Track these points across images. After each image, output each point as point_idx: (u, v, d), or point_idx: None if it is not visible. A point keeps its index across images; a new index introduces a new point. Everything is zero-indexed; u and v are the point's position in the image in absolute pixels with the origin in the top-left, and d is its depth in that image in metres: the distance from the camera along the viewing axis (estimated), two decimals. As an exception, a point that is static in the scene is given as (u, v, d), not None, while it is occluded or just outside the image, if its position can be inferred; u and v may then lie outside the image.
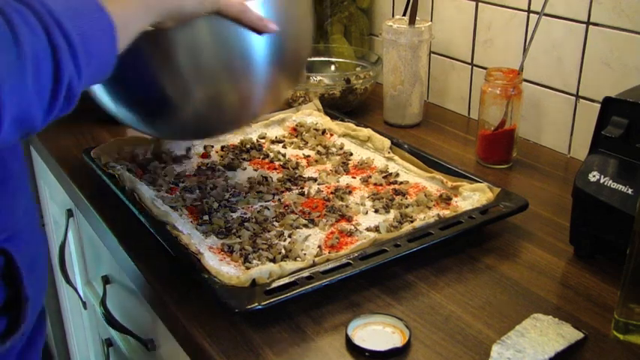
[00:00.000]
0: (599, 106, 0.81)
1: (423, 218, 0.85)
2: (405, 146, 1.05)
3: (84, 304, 1.31)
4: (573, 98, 1.10)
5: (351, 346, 0.67)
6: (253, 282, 0.71)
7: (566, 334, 0.68)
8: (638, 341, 0.68)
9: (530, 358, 0.64)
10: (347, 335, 0.67)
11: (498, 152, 1.09)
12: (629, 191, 0.75)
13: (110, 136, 1.20)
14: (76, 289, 1.29)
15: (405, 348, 0.67)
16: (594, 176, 0.79)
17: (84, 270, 1.29)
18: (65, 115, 0.58)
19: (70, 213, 1.21)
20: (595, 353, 0.67)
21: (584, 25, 1.05)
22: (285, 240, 0.82)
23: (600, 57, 1.04)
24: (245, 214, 0.88)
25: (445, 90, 1.36)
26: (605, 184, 0.78)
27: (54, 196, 1.34)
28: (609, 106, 0.80)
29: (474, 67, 1.27)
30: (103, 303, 1.07)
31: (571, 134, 1.12)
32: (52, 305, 1.61)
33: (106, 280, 1.09)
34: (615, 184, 0.77)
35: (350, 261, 0.75)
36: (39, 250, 0.72)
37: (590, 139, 0.82)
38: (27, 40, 0.51)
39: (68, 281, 1.27)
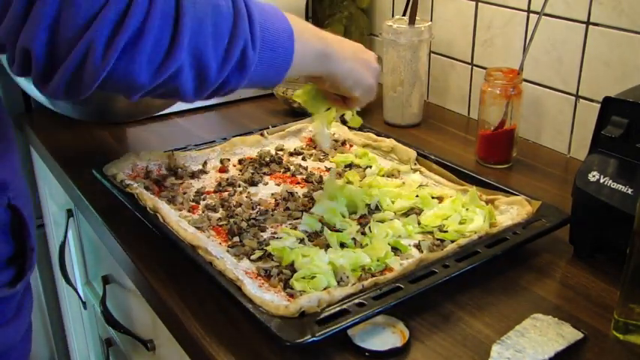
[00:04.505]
0: (599, 106, 0.81)
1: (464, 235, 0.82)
2: (432, 157, 1.02)
3: (84, 304, 1.31)
4: (573, 98, 1.10)
5: (351, 346, 0.67)
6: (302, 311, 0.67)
7: (566, 334, 0.68)
8: (638, 341, 0.68)
9: (530, 358, 0.64)
10: (347, 335, 0.67)
11: (498, 152, 1.09)
12: (629, 191, 0.75)
13: (110, 136, 1.20)
14: (76, 289, 1.29)
15: (405, 348, 0.67)
16: (594, 176, 0.79)
17: (84, 270, 1.29)
18: (235, 88, 0.65)
19: (70, 213, 1.21)
20: (595, 353, 0.67)
21: (584, 25, 1.05)
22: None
23: (600, 57, 1.04)
24: (275, 233, 0.84)
25: (445, 90, 1.36)
26: (605, 183, 0.78)
27: (54, 196, 1.34)
28: (609, 105, 0.80)
29: (474, 67, 1.27)
30: (102, 303, 1.07)
31: (571, 134, 1.12)
32: (52, 305, 1.60)
33: (105, 280, 1.09)
34: (615, 183, 0.77)
35: (400, 285, 0.71)
36: (31, 210, 0.75)
37: (590, 139, 0.82)
38: None
39: (68, 281, 1.27)
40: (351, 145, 1.11)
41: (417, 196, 0.92)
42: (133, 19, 0.53)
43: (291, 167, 1.03)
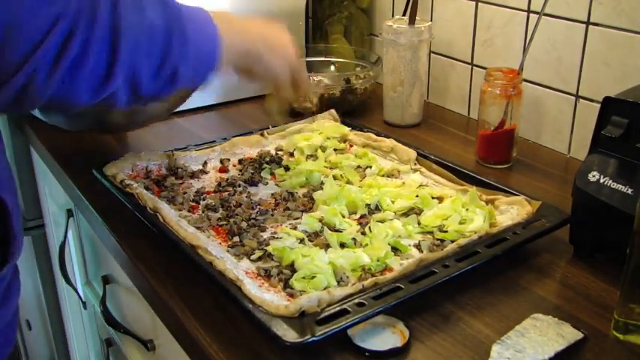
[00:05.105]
0: (599, 106, 0.81)
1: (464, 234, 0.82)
2: (432, 157, 1.02)
3: (84, 304, 1.31)
4: (573, 98, 1.10)
5: (351, 346, 0.67)
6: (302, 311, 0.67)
7: (566, 334, 0.68)
8: (638, 341, 0.68)
9: (530, 358, 0.64)
10: (347, 335, 0.67)
11: (498, 152, 1.09)
12: (629, 191, 0.75)
13: (110, 136, 1.20)
14: (76, 289, 1.29)
15: (405, 348, 0.67)
16: (594, 176, 0.79)
17: (84, 270, 1.29)
18: (166, 97, 0.71)
19: (70, 213, 1.21)
20: (595, 353, 0.67)
21: (584, 25, 1.05)
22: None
23: (600, 57, 1.04)
24: (275, 233, 0.84)
25: (445, 90, 1.36)
26: (605, 183, 0.78)
27: (54, 196, 1.34)
28: (609, 105, 0.80)
29: (474, 67, 1.27)
30: (102, 303, 1.07)
31: (571, 134, 1.12)
32: (52, 305, 1.61)
33: (105, 280, 1.09)
34: (615, 183, 0.77)
35: (400, 285, 0.71)
36: (15, 196, 0.76)
37: (590, 139, 0.82)
38: (150, 10, 0.64)
39: (68, 281, 1.27)
40: (351, 145, 1.11)
41: (417, 196, 0.92)
42: (74, 45, 0.58)
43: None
